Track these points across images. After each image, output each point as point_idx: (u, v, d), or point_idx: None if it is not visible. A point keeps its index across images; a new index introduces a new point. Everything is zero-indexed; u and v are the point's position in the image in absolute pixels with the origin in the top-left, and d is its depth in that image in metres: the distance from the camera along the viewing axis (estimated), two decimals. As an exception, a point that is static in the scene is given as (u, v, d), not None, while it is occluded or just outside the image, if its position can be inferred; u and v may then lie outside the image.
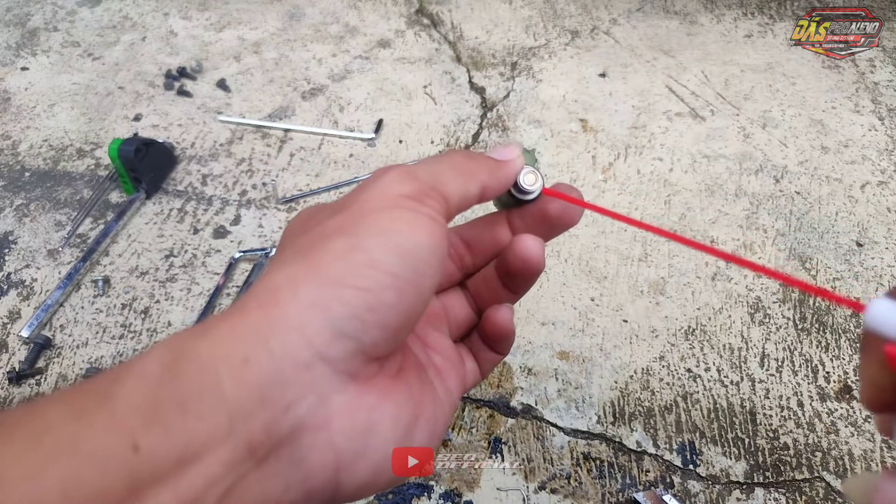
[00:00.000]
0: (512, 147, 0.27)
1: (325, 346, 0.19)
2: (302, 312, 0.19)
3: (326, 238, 0.20)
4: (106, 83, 0.97)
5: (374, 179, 0.22)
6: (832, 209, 0.78)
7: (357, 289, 0.19)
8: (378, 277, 0.19)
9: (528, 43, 1.03)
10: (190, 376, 0.18)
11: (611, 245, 0.74)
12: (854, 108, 0.92)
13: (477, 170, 0.24)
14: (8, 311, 0.69)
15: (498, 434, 0.59)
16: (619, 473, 0.56)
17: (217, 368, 0.18)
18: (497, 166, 0.25)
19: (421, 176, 0.22)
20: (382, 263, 0.20)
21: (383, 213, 0.21)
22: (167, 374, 0.18)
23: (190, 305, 0.69)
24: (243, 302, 0.20)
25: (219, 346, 0.18)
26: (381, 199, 0.21)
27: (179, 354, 0.18)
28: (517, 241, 0.25)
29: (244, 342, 0.18)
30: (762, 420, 0.60)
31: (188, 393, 0.17)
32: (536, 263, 0.26)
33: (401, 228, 0.20)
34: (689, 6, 1.11)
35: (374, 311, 0.19)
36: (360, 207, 0.21)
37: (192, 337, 0.19)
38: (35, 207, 0.79)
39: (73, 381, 0.63)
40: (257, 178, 0.83)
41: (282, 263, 0.20)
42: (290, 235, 0.23)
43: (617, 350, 0.65)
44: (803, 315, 0.68)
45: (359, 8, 1.11)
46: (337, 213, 0.21)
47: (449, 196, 0.22)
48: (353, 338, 0.19)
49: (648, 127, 0.89)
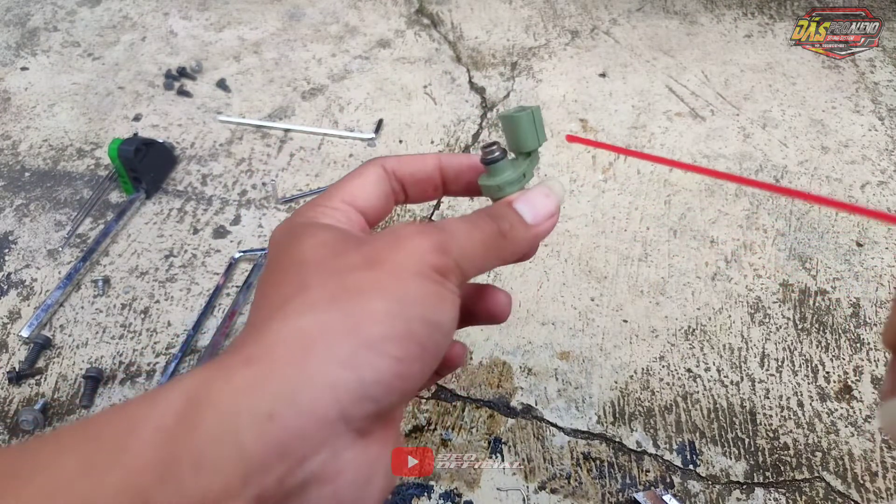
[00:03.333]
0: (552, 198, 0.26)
1: (350, 407, 0.19)
2: (336, 371, 0.18)
3: (362, 294, 0.20)
4: (106, 83, 0.97)
5: (405, 237, 0.22)
6: (832, 209, 0.78)
7: (392, 357, 0.19)
8: (412, 349, 0.20)
9: (528, 43, 1.03)
10: (208, 429, 0.17)
11: (611, 245, 0.74)
12: (854, 108, 0.92)
13: (505, 251, 0.24)
14: (8, 311, 0.69)
15: (498, 434, 0.59)
16: (619, 473, 0.56)
17: (238, 421, 0.17)
18: (526, 238, 0.25)
19: (453, 251, 0.22)
20: (418, 336, 0.20)
21: (416, 283, 0.21)
22: (183, 426, 0.17)
23: (190, 305, 0.69)
24: (267, 345, 0.19)
25: (242, 396, 0.18)
26: (414, 265, 0.21)
27: (197, 403, 0.18)
28: (492, 295, 0.27)
29: (270, 396, 0.18)
30: (762, 420, 0.60)
31: (205, 447, 0.17)
32: (502, 319, 0.27)
33: (433, 302, 0.21)
34: (689, 6, 1.11)
35: (401, 379, 0.20)
36: (394, 269, 0.21)
37: (211, 380, 0.18)
38: (35, 207, 0.79)
39: (73, 382, 0.63)
40: (257, 178, 0.83)
41: (311, 306, 0.20)
42: (298, 256, 0.22)
43: (617, 350, 0.65)
44: (803, 315, 0.68)
45: (359, 8, 1.11)
46: (370, 267, 0.21)
47: (468, 274, 0.23)
48: (375, 401, 0.19)
49: (648, 127, 0.89)
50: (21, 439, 0.59)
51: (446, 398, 0.61)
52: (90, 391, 0.61)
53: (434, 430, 0.59)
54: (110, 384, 0.63)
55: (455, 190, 0.28)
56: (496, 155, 0.26)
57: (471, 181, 0.28)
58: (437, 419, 0.60)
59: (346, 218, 0.25)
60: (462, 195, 0.29)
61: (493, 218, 0.24)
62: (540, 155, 0.28)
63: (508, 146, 0.27)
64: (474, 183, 0.28)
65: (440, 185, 0.28)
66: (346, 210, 0.25)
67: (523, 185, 0.26)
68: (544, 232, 0.25)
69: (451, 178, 0.28)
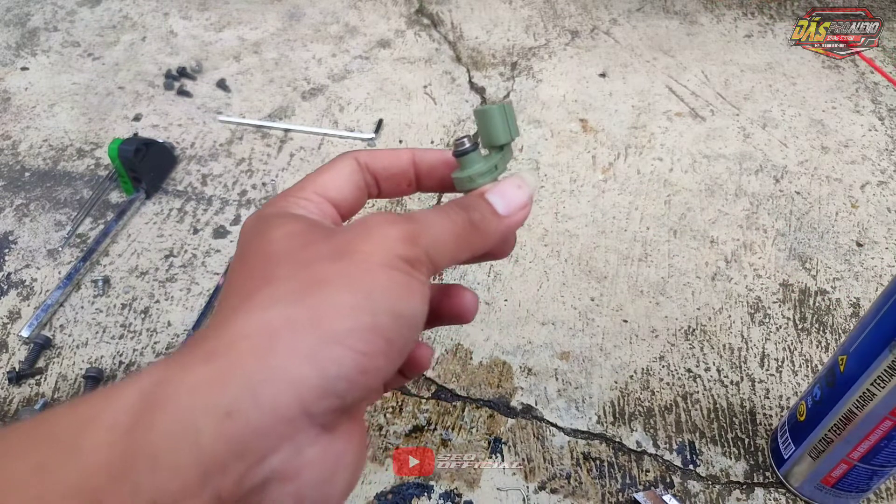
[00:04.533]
0: (525, 189, 0.26)
1: (313, 403, 0.18)
2: (299, 366, 0.18)
3: (329, 285, 0.19)
4: (106, 83, 0.97)
5: (374, 227, 0.21)
6: (832, 209, 0.78)
7: (356, 352, 0.19)
8: (377, 343, 0.19)
9: (528, 43, 1.03)
10: (164, 427, 0.16)
11: (611, 245, 0.74)
12: (854, 108, 0.92)
13: (477, 241, 0.24)
14: (8, 311, 0.69)
15: (498, 434, 0.59)
16: (619, 473, 0.56)
17: (196, 419, 0.17)
18: (498, 229, 0.25)
19: (423, 242, 0.21)
20: (384, 330, 0.19)
21: (384, 274, 0.20)
22: (139, 425, 0.16)
23: (190, 305, 0.69)
24: (229, 338, 0.18)
25: (200, 393, 0.17)
26: (383, 255, 0.20)
27: (154, 400, 0.17)
28: (458, 295, 0.26)
29: (230, 392, 0.17)
30: (762, 420, 0.60)
31: (161, 446, 0.16)
32: (468, 319, 0.27)
33: (401, 294, 0.20)
34: (689, 6, 1.11)
35: (366, 374, 0.19)
36: (363, 260, 0.20)
37: (168, 376, 0.17)
38: (35, 207, 0.79)
39: (73, 382, 0.63)
40: (257, 178, 0.83)
41: (277, 299, 0.19)
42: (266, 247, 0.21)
43: (617, 350, 0.65)
44: (803, 315, 0.68)
45: (359, 8, 1.11)
46: (338, 258, 0.20)
47: (439, 265, 0.22)
48: (339, 396, 0.19)
49: (648, 127, 0.89)
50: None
51: (446, 398, 0.61)
52: (90, 391, 0.61)
53: (434, 430, 0.59)
54: (110, 384, 0.63)
55: (429, 185, 0.28)
56: (466, 146, 0.26)
57: (444, 176, 0.28)
58: (437, 419, 0.60)
59: (318, 209, 0.24)
60: (436, 191, 0.29)
61: (464, 208, 0.24)
62: (513, 151, 0.28)
63: (482, 141, 0.27)
64: (448, 179, 0.27)
65: (413, 180, 0.28)
66: (319, 201, 0.24)
67: (495, 178, 0.26)
68: (516, 223, 0.25)
69: (424, 173, 0.28)
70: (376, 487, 0.55)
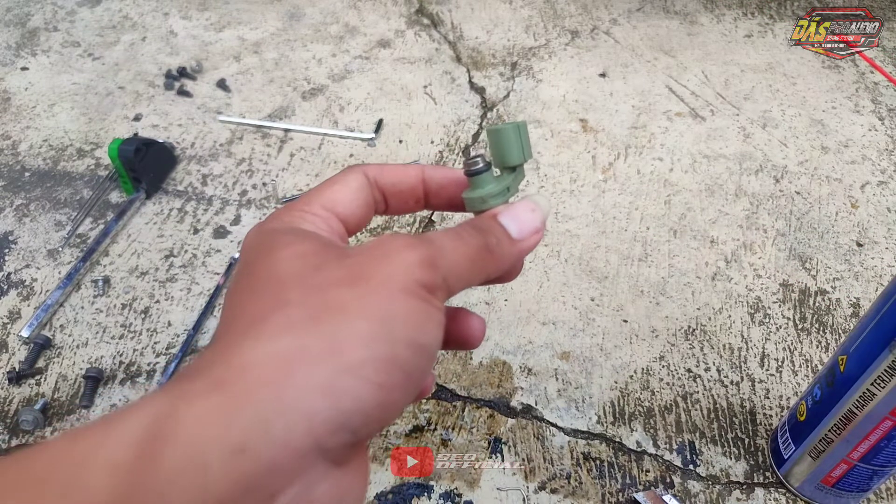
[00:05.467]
0: (538, 213, 0.25)
1: (326, 438, 0.17)
2: (313, 399, 0.17)
3: (345, 312, 0.18)
4: (106, 83, 0.97)
5: (392, 250, 0.20)
6: (832, 209, 0.78)
7: (373, 384, 0.18)
8: (395, 375, 0.18)
9: (528, 43, 1.03)
10: (171, 464, 0.15)
11: (611, 245, 0.74)
12: (854, 108, 0.92)
13: (491, 266, 0.23)
14: (8, 311, 0.69)
15: (498, 434, 0.59)
16: (619, 473, 0.56)
17: (205, 454, 0.15)
18: (512, 254, 0.24)
19: (441, 267, 0.20)
20: (402, 360, 0.18)
21: (403, 301, 0.19)
22: (143, 462, 0.15)
23: (190, 305, 0.69)
24: (240, 367, 0.17)
25: (209, 425, 0.16)
26: (401, 280, 0.19)
27: (158, 434, 0.16)
28: (465, 321, 0.25)
29: (241, 425, 0.16)
30: (762, 420, 0.60)
31: (167, 485, 0.15)
32: (474, 345, 0.26)
33: (420, 322, 0.19)
34: (689, 6, 1.11)
35: (381, 408, 0.18)
36: (381, 286, 0.19)
37: (174, 405, 0.16)
38: (35, 207, 0.79)
39: (73, 382, 0.63)
40: (257, 178, 0.83)
41: (289, 326, 0.18)
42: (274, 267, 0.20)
43: (617, 350, 0.65)
44: (803, 315, 0.68)
45: (359, 8, 1.11)
46: (354, 283, 0.19)
47: (454, 290, 0.22)
48: (353, 431, 0.18)
49: (648, 127, 0.89)
50: (21, 440, 0.59)
51: (446, 398, 0.61)
52: (90, 391, 0.61)
53: (434, 430, 0.59)
54: (110, 384, 0.63)
55: (437, 203, 0.27)
56: (480, 166, 0.25)
57: (453, 196, 0.27)
58: (437, 419, 0.60)
59: (326, 225, 0.23)
60: (444, 209, 0.28)
61: (479, 231, 0.23)
62: (525, 173, 0.27)
63: (494, 161, 0.26)
64: (457, 198, 0.27)
65: (422, 198, 0.27)
66: (327, 216, 0.23)
67: (507, 200, 0.26)
68: (528, 248, 0.24)
69: (433, 192, 0.27)
70: (376, 487, 0.55)
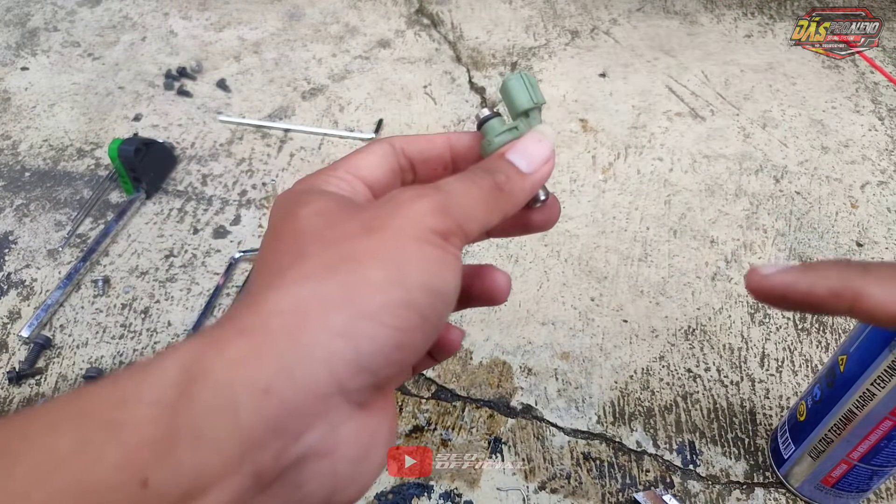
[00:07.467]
0: (545, 143, 0.25)
1: (347, 380, 0.18)
2: (332, 343, 0.18)
3: (360, 263, 0.19)
4: (106, 83, 0.97)
5: (404, 201, 0.21)
6: (832, 209, 0.78)
7: (390, 328, 0.19)
8: (411, 318, 0.19)
9: (528, 43, 1.03)
10: (205, 403, 0.16)
11: (611, 245, 0.74)
12: (854, 108, 0.92)
13: (505, 204, 0.23)
14: (8, 311, 0.69)
15: (498, 434, 0.59)
16: (619, 473, 0.56)
17: (235, 395, 0.17)
18: (525, 188, 0.24)
19: (453, 212, 0.21)
20: (418, 305, 0.19)
21: (417, 248, 0.20)
22: (181, 400, 0.16)
23: (190, 305, 0.69)
24: (263, 315, 0.18)
25: (238, 368, 0.17)
26: (414, 229, 0.20)
27: (193, 375, 0.17)
28: (490, 275, 0.26)
29: (267, 369, 0.17)
30: (762, 420, 0.60)
31: (203, 422, 0.16)
32: (501, 299, 0.26)
33: (435, 269, 0.20)
34: (689, 6, 1.11)
35: (400, 350, 0.19)
36: (393, 235, 0.20)
37: (205, 352, 0.17)
38: (35, 207, 0.79)
39: (73, 382, 0.63)
40: (257, 178, 0.83)
41: (308, 276, 0.19)
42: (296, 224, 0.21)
43: (617, 350, 0.65)
44: (803, 315, 0.68)
45: (359, 8, 1.11)
46: (368, 234, 0.20)
47: (471, 234, 0.22)
48: (373, 373, 0.19)
49: (648, 127, 0.89)
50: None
51: (446, 398, 0.61)
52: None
53: (434, 430, 0.59)
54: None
55: (466, 168, 0.28)
56: (487, 114, 0.26)
57: (480, 158, 0.27)
58: (437, 419, 0.60)
59: (350, 187, 0.24)
60: None
61: (487, 172, 0.23)
62: (541, 118, 0.27)
63: (510, 112, 0.27)
64: None
65: (450, 164, 0.27)
66: (351, 180, 0.24)
67: (516, 138, 0.26)
68: (541, 179, 0.25)
69: (461, 156, 0.27)
70: (376, 487, 0.55)
